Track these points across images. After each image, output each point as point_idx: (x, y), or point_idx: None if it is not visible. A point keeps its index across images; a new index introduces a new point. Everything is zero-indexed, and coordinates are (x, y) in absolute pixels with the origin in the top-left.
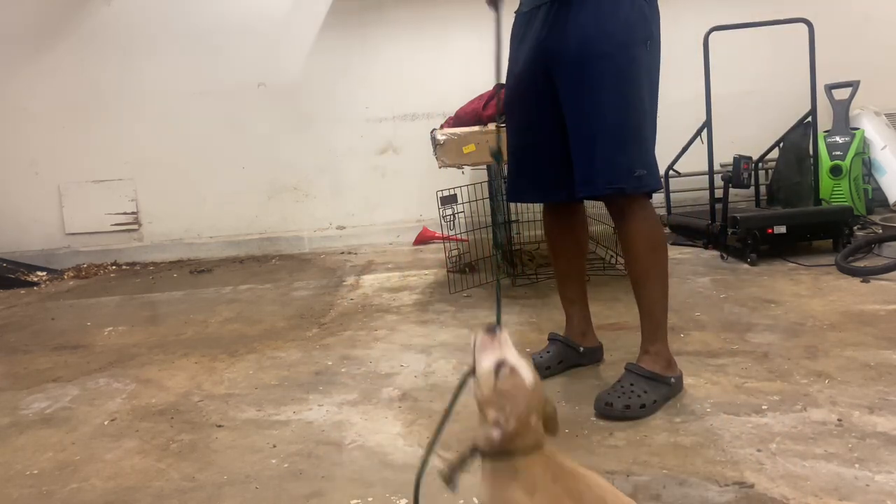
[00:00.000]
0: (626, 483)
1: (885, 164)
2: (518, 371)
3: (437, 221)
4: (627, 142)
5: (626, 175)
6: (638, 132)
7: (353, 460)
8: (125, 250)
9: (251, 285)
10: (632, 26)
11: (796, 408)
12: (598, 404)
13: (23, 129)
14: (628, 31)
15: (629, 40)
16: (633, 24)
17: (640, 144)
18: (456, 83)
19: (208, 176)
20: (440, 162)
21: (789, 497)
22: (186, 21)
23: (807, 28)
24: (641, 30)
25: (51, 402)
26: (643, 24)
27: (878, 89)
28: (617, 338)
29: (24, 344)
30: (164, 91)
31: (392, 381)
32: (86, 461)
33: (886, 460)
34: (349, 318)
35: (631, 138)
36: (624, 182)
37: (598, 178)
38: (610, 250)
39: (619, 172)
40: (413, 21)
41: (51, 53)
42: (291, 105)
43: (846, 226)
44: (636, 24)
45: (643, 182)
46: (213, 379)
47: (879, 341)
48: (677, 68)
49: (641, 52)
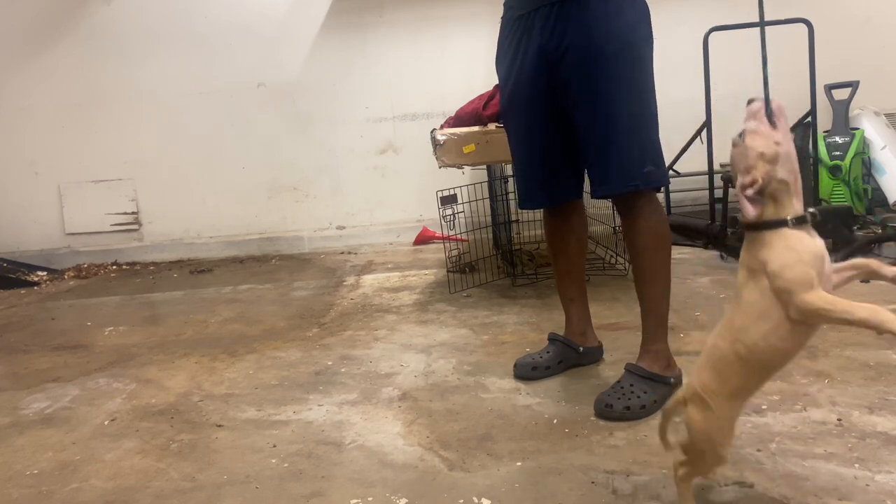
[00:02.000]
0: (626, 483)
1: (885, 164)
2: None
3: (437, 221)
4: (639, 139)
5: (637, 172)
6: (647, 129)
7: (353, 460)
8: (125, 250)
9: (251, 285)
10: (636, 25)
11: (796, 407)
12: (598, 406)
13: (22, 129)
14: (633, 30)
15: (635, 39)
16: (637, 23)
17: (650, 141)
18: (456, 83)
19: (208, 176)
20: (440, 162)
21: (789, 497)
22: (186, 21)
23: (806, 28)
24: (644, 28)
25: (51, 402)
26: (646, 22)
27: (877, 89)
28: (617, 338)
29: (24, 344)
30: (163, 91)
31: (392, 380)
32: (86, 461)
33: (886, 460)
34: (349, 318)
35: (642, 136)
36: (637, 179)
37: (615, 178)
38: (610, 250)
39: (633, 170)
40: (413, 21)
41: (50, 53)
42: (291, 105)
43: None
44: (640, 23)
45: (652, 178)
46: (213, 379)
47: (879, 341)
48: (677, 68)
49: (646, 49)
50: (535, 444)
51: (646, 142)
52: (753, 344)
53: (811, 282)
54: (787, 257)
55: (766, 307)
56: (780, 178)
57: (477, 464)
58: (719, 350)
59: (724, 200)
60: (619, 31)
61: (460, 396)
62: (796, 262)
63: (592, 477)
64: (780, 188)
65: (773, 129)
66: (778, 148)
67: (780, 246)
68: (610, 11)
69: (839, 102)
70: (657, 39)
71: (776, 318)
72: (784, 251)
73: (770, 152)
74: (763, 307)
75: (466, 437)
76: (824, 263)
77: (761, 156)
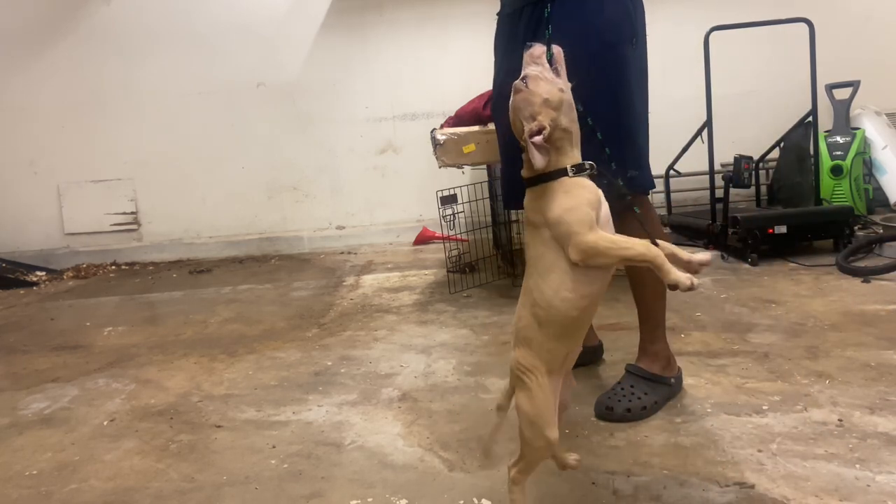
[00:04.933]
0: (626, 483)
1: (886, 163)
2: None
3: (437, 221)
4: (619, 143)
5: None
6: (629, 133)
7: (353, 461)
8: (124, 250)
9: (251, 285)
10: (617, 24)
11: (797, 408)
12: (599, 408)
13: (22, 129)
14: (614, 30)
15: (616, 39)
16: (618, 23)
17: (632, 145)
18: (456, 83)
19: (208, 176)
20: (440, 162)
21: (790, 497)
22: (186, 21)
23: (807, 28)
24: (627, 28)
25: (50, 402)
26: (628, 21)
27: (878, 89)
28: (617, 338)
29: (23, 344)
30: (163, 91)
31: (392, 381)
32: (85, 462)
33: (887, 461)
34: (349, 319)
35: (622, 139)
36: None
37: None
38: None
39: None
40: (413, 21)
41: (50, 53)
42: (291, 105)
43: (847, 226)
44: (621, 22)
45: (635, 183)
46: (212, 379)
47: (880, 341)
48: (678, 68)
49: (628, 50)
50: None
51: (628, 146)
52: (548, 303)
53: (591, 223)
54: (567, 202)
55: (551, 259)
56: (564, 126)
57: (477, 464)
58: (524, 321)
59: (724, 200)
60: (599, 31)
61: (460, 397)
62: (576, 205)
63: (593, 478)
64: (563, 137)
65: (556, 75)
66: (562, 94)
67: (560, 193)
68: (590, 10)
69: (840, 102)
70: (658, 39)
71: (562, 268)
72: (563, 197)
73: (555, 98)
74: (549, 260)
75: (466, 437)
76: (601, 208)
77: (546, 102)
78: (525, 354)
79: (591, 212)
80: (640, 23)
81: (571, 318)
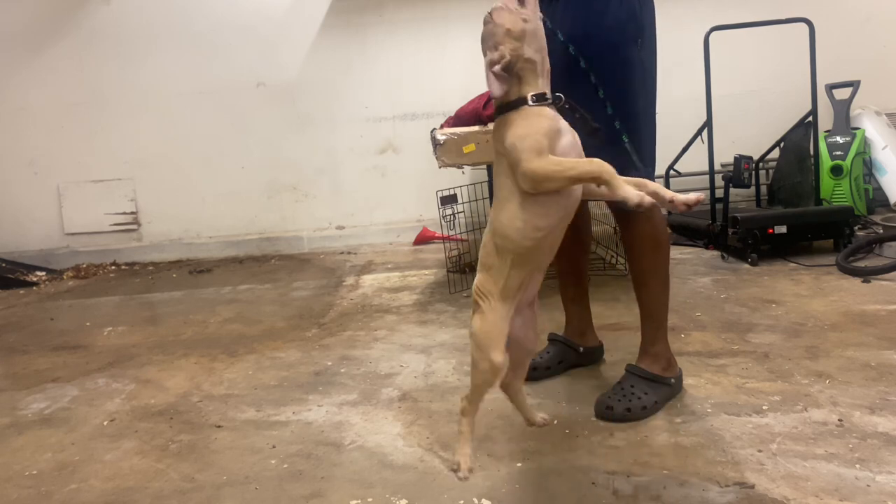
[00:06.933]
0: (626, 483)
1: (886, 163)
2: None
3: (436, 221)
4: (621, 144)
5: None
6: (632, 133)
7: (353, 461)
8: (124, 250)
9: (250, 285)
10: (622, 24)
11: (797, 408)
12: (599, 408)
13: (22, 129)
14: (618, 31)
15: (620, 40)
16: (623, 23)
17: (636, 145)
18: (456, 83)
19: (208, 176)
20: (440, 162)
21: (790, 497)
22: (186, 21)
23: (807, 28)
24: (632, 28)
25: (50, 402)
26: (633, 21)
27: (878, 89)
28: (617, 338)
29: (23, 344)
30: (163, 91)
31: (392, 381)
32: (85, 462)
33: (887, 461)
34: (349, 319)
35: (625, 140)
36: None
37: None
38: (610, 250)
39: None
40: (413, 21)
41: (50, 53)
42: (291, 105)
43: (847, 226)
44: (626, 22)
45: None
46: (212, 379)
47: (880, 341)
48: (678, 68)
49: (632, 51)
50: (535, 445)
51: (631, 146)
52: (503, 232)
53: (541, 149)
54: (521, 130)
55: (509, 188)
56: (528, 56)
57: (477, 464)
58: (486, 247)
59: (724, 200)
60: (602, 32)
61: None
62: (529, 133)
63: (593, 478)
64: (526, 67)
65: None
66: (525, 25)
67: (518, 121)
68: (595, 10)
69: (840, 102)
70: (658, 39)
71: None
72: (519, 124)
73: (517, 29)
74: (507, 189)
75: None
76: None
77: (508, 32)
78: (484, 279)
79: (543, 140)
80: (648, 22)
81: (525, 247)
